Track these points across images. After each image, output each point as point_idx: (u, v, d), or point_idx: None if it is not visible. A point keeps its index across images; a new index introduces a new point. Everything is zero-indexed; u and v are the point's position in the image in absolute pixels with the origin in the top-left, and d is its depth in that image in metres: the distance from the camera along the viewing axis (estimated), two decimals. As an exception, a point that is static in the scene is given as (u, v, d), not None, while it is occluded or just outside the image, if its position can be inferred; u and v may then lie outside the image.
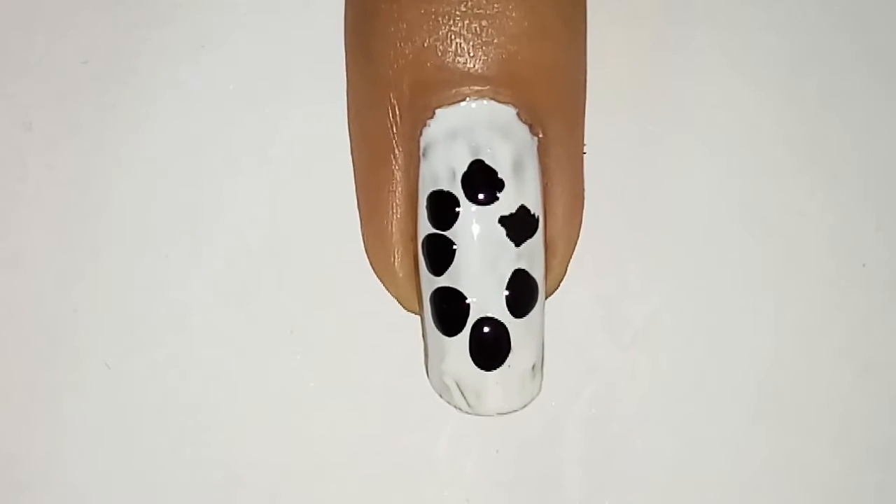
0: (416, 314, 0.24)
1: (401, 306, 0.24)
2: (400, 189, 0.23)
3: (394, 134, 0.23)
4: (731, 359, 0.25)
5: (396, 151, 0.23)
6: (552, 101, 0.23)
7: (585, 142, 0.24)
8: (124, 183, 0.26)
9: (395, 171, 0.23)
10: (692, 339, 0.25)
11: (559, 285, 0.24)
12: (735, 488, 0.25)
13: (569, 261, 0.24)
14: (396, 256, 0.23)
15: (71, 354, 0.25)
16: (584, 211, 0.25)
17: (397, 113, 0.23)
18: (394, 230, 0.23)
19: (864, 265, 0.26)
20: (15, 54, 0.26)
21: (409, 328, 0.24)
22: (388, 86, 0.23)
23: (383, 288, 0.24)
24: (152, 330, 0.25)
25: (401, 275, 0.23)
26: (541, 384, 0.23)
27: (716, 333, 0.25)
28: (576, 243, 0.24)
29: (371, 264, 0.24)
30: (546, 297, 0.23)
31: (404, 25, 0.22)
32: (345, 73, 0.24)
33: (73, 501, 0.25)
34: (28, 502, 0.25)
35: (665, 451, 0.25)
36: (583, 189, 0.24)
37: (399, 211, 0.23)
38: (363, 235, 0.24)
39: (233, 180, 0.26)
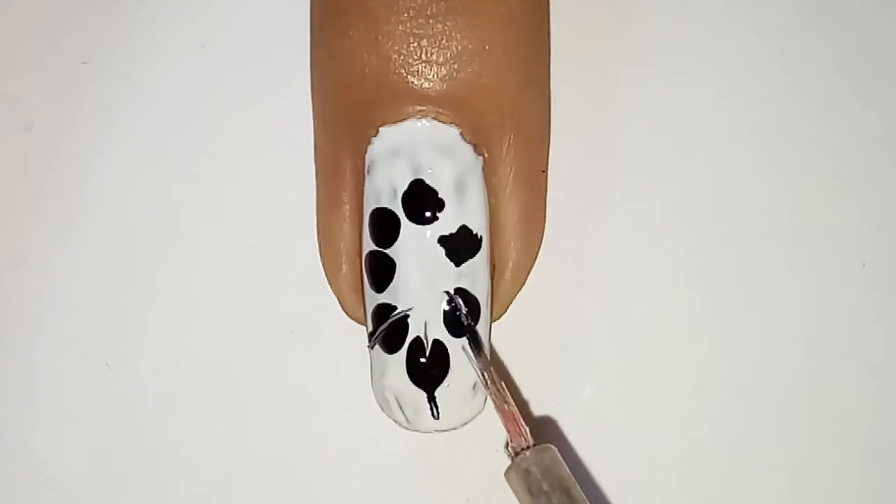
0: (363, 325, 0.24)
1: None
2: (348, 205, 0.23)
3: (342, 150, 0.23)
4: (731, 359, 0.25)
5: (344, 168, 0.23)
6: (497, 121, 0.22)
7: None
8: (124, 183, 0.26)
9: (344, 187, 0.23)
10: (692, 339, 0.25)
11: (510, 304, 0.24)
12: (735, 488, 0.25)
13: (523, 281, 0.23)
14: (343, 270, 0.23)
15: (71, 354, 0.25)
16: (584, 212, 0.24)
17: (345, 129, 0.22)
18: (342, 245, 0.23)
19: (864, 265, 0.25)
20: (15, 54, 0.26)
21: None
22: (334, 102, 0.23)
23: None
24: (152, 330, 0.25)
25: (345, 288, 0.23)
26: (483, 402, 0.23)
27: (715, 334, 0.25)
28: (532, 263, 0.24)
29: (325, 276, 0.24)
30: (496, 318, 0.23)
31: (348, 43, 0.22)
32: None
33: (73, 501, 0.25)
34: (28, 501, 0.25)
35: (665, 451, 0.25)
36: (542, 207, 0.24)
37: (347, 226, 0.23)
38: (319, 248, 0.24)
39: (233, 180, 0.26)
